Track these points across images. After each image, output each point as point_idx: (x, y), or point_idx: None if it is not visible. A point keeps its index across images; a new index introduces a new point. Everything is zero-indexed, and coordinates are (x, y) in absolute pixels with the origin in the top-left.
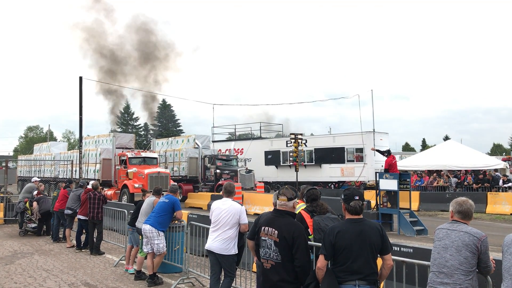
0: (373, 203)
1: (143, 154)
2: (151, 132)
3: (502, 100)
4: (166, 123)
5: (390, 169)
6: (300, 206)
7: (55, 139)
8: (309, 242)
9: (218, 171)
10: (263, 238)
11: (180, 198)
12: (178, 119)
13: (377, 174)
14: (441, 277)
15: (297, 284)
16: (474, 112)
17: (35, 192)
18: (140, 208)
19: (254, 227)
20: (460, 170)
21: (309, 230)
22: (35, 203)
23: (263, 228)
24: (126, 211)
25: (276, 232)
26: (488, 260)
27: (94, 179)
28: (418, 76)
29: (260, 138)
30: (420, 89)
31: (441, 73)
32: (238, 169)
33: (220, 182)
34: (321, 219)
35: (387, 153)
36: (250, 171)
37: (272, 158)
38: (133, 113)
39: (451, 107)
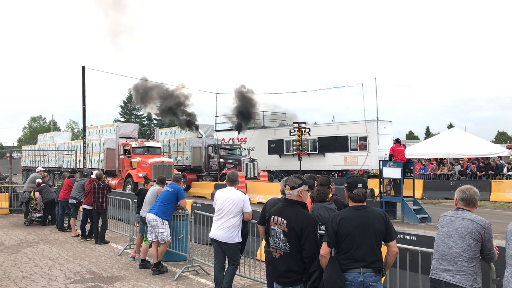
0: (376, 191)
1: (147, 144)
2: (154, 121)
3: (504, 89)
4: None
5: (394, 155)
6: None
7: (58, 129)
8: None
9: (221, 160)
10: (272, 227)
11: (184, 187)
12: None
13: (381, 162)
14: (444, 264)
15: (305, 275)
16: (476, 100)
17: (38, 180)
18: (143, 197)
19: (263, 213)
20: (464, 158)
21: None
22: (37, 193)
23: (272, 217)
24: (130, 200)
25: (285, 221)
26: (491, 247)
27: (98, 169)
28: (420, 64)
29: (263, 127)
30: (423, 77)
31: (443, 61)
32: (242, 158)
33: (223, 171)
34: (317, 207)
35: (395, 141)
36: (253, 160)
37: (276, 147)
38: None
39: (453, 96)
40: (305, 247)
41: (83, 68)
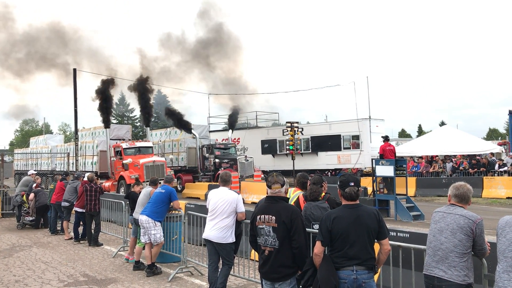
0: (369, 190)
1: (138, 144)
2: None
3: (494, 86)
4: (162, 113)
5: (384, 154)
6: (296, 194)
7: (51, 132)
8: None
9: (217, 160)
10: (260, 226)
11: (180, 188)
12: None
13: (373, 160)
14: (436, 259)
15: (296, 268)
16: (467, 98)
17: (34, 185)
18: (134, 199)
19: None
20: (456, 156)
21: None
22: (32, 195)
23: (258, 216)
24: (123, 202)
25: (273, 218)
26: (483, 243)
27: (92, 171)
28: (412, 63)
29: (256, 127)
30: (414, 75)
31: (435, 59)
32: (238, 157)
33: (219, 172)
34: (310, 206)
35: (384, 138)
36: (249, 159)
37: (269, 147)
38: (128, 105)
39: (445, 93)
40: (294, 238)
41: (74, 70)
